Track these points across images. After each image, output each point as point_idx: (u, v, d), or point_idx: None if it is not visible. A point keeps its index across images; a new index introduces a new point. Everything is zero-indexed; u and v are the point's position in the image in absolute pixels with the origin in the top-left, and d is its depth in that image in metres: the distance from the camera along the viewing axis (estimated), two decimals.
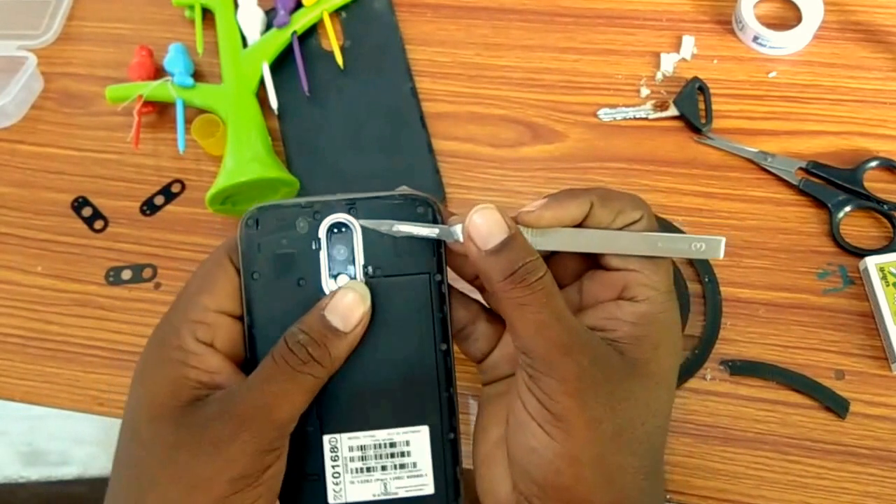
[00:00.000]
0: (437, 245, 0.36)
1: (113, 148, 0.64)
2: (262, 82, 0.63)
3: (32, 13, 0.70)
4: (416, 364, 0.36)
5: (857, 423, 0.49)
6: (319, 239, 0.35)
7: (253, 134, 0.59)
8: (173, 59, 0.63)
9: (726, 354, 0.51)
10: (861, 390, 0.49)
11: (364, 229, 0.35)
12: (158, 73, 0.65)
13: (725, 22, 0.64)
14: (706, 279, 0.53)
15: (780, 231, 0.55)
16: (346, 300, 0.34)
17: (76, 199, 0.62)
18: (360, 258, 0.35)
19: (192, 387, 0.33)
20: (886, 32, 0.62)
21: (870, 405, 0.49)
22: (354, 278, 0.35)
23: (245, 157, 0.58)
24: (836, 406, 0.49)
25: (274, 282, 0.35)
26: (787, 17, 0.63)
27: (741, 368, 0.50)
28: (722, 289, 0.53)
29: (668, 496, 0.48)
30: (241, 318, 0.35)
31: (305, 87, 0.63)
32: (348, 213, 0.35)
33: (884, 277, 0.50)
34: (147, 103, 0.62)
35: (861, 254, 0.53)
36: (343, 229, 0.35)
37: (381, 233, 0.35)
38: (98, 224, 0.61)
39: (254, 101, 0.62)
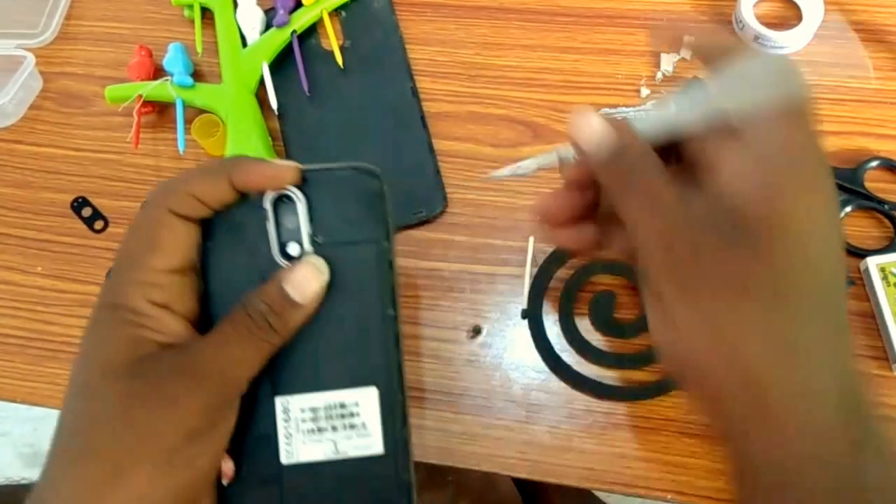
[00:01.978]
0: (383, 213, 0.37)
1: (112, 148, 0.64)
2: (261, 82, 0.63)
3: (31, 12, 0.70)
4: (365, 328, 0.37)
5: None
6: (266, 210, 0.36)
7: (253, 134, 0.59)
8: (173, 58, 0.63)
9: None
10: None
11: (308, 199, 0.36)
12: (158, 72, 0.65)
13: (725, 21, 0.64)
14: None
15: None
16: (305, 274, 0.35)
17: (76, 200, 0.62)
18: (305, 227, 0.36)
19: (147, 344, 0.33)
20: (886, 32, 0.62)
21: None
22: (303, 246, 0.36)
23: None
24: None
25: (227, 249, 0.36)
26: (787, 17, 0.63)
27: None
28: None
29: (669, 496, 0.48)
30: (193, 272, 0.36)
31: (305, 87, 0.63)
32: (295, 185, 0.36)
33: (885, 278, 0.51)
34: (147, 103, 0.62)
35: (862, 254, 0.53)
36: (289, 199, 0.36)
37: (327, 202, 0.36)
38: (98, 224, 0.61)
39: (253, 101, 0.62)
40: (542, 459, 0.50)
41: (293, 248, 0.36)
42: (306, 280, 0.35)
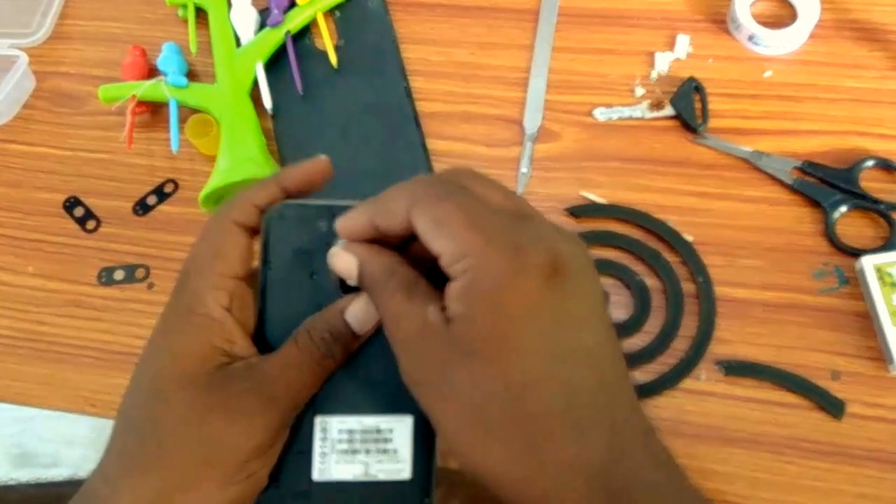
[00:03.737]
0: None
1: (105, 148, 0.64)
2: (255, 82, 0.62)
3: (24, 12, 0.70)
4: None
5: (853, 424, 0.48)
6: (332, 235, 0.37)
7: (247, 133, 0.59)
8: (167, 58, 0.63)
9: (721, 355, 0.51)
10: (857, 391, 0.49)
11: None
12: (152, 72, 0.64)
13: (720, 21, 0.64)
14: (700, 279, 0.53)
15: (775, 231, 0.55)
16: (364, 305, 0.36)
17: (68, 199, 0.61)
18: None
19: (218, 353, 0.35)
20: (883, 31, 0.61)
21: (866, 406, 0.49)
22: None
23: (239, 156, 0.57)
24: (832, 407, 0.48)
25: (289, 273, 0.38)
26: (782, 16, 0.63)
27: (736, 369, 0.50)
28: (716, 288, 0.53)
29: None
30: (249, 281, 0.38)
31: (299, 87, 0.62)
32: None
33: (881, 277, 0.50)
34: (140, 103, 0.62)
35: (857, 254, 0.52)
36: None
37: None
38: (90, 224, 0.60)
39: (248, 101, 0.61)
40: None
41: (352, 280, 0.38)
42: (365, 312, 0.36)
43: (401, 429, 0.37)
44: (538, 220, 0.34)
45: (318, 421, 0.37)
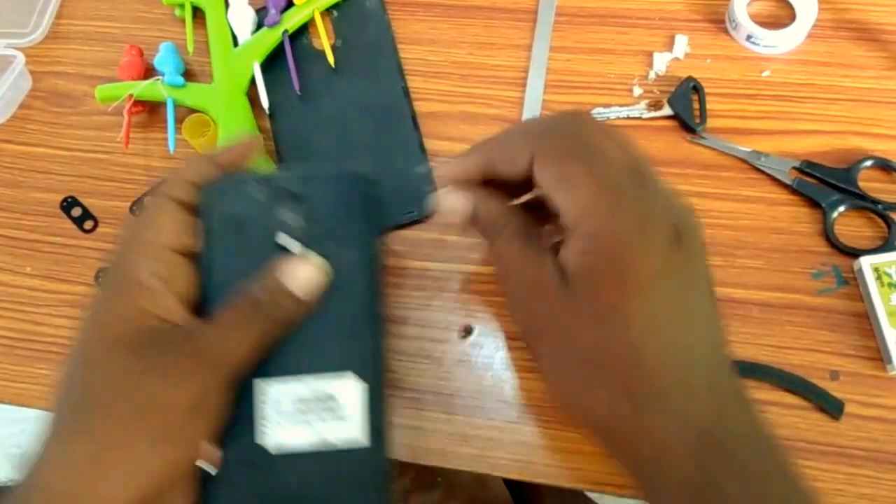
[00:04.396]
0: (375, 215, 0.40)
1: (102, 148, 0.63)
2: (252, 82, 0.62)
3: (20, 11, 0.70)
4: (351, 321, 0.39)
5: (852, 424, 0.48)
6: (271, 207, 0.39)
7: (244, 133, 0.59)
8: (163, 58, 0.63)
9: None
10: (856, 391, 0.49)
11: (310, 200, 0.39)
12: (148, 72, 0.64)
13: (718, 21, 0.64)
14: None
15: (773, 231, 0.55)
16: (307, 272, 0.37)
17: (65, 200, 0.61)
18: (305, 224, 0.39)
19: (149, 317, 0.35)
20: (881, 31, 0.61)
21: (865, 406, 0.49)
22: (302, 242, 0.39)
23: None
24: (831, 407, 0.48)
25: (229, 244, 0.39)
26: (780, 16, 0.63)
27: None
28: (715, 288, 0.53)
29: None
30: (189, 256, 0.38)
31: (296, 87, 0.62)
32: (299, 187, 0.40)
33: (879, 278, 0.50)
34: (137, 103, 0.62)
35: (855, 254, 0.52)
36: (293, 199, 0.39)
37: (325, 203, 0.40)
38: (88, 224, 0.60)
39: (245, 101, 0.61)
40: (534, 460, 0.49)
41: (292, 245, 0.39)
42: (308, 278, 0.37)
43: (346, 388, 0.38)
44: (657, 183, 0.35)
45: (260, 384, 0.37)
